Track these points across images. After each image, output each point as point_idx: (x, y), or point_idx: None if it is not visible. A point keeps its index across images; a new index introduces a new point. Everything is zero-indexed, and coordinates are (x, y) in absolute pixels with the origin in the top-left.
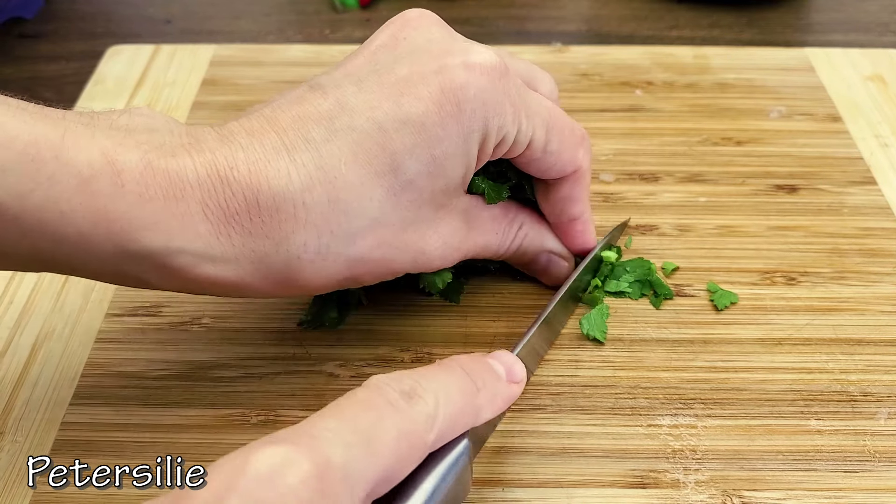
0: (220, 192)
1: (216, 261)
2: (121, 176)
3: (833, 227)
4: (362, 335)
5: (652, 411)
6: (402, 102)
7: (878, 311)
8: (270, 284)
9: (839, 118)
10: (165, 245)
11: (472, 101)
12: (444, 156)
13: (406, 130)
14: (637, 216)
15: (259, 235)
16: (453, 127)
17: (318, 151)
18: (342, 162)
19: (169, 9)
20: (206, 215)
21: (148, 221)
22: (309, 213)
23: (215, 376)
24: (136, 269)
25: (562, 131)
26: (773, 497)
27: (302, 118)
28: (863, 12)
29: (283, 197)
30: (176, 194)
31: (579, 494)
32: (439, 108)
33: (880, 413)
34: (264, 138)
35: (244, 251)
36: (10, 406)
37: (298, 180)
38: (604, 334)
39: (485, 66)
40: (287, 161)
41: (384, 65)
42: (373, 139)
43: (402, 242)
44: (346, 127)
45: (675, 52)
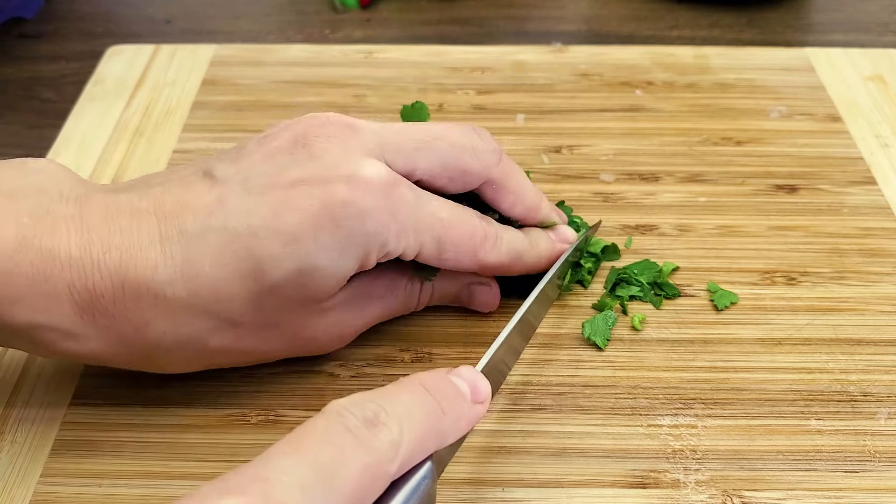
0: (90, 274)
1: (79, 338)
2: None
3: (833, 227)
4: (362, 335)
5: (652, 411)
6: (279, 211)
7: (878, 311)
8: (134, 361)
9: (839, 118)
10: (29, 321)
11: (352, 219)
12: (313, 269)
13: (276, 239)
14: (637, 216)
15: (121, 319)
16: (327, 241)
17: (188, 245)
18: (207, 260)
19: (169, 9)
20: (72, 295)
21: (13, 297)
22: (169, 304)
23: (215, 376)
24: (4, 338)
25: (457, 240)
26: (773, 497)
27: (184, 207)
28: (863, 12)
29: (146, 286)
30: (45, 273)
31: (579, 494)
32: (315, 220)
33: (880, 413)
34: (143, 223)
35: (106, 332)
36: (11, 406)
37: (164, 272)
38: (605, 341)
39: (371, 184)
40: (157, 252)
41: (276, 168)
42: (242, 242)
43: (272, 337)
44: (220, 226)
45: (675, 52)
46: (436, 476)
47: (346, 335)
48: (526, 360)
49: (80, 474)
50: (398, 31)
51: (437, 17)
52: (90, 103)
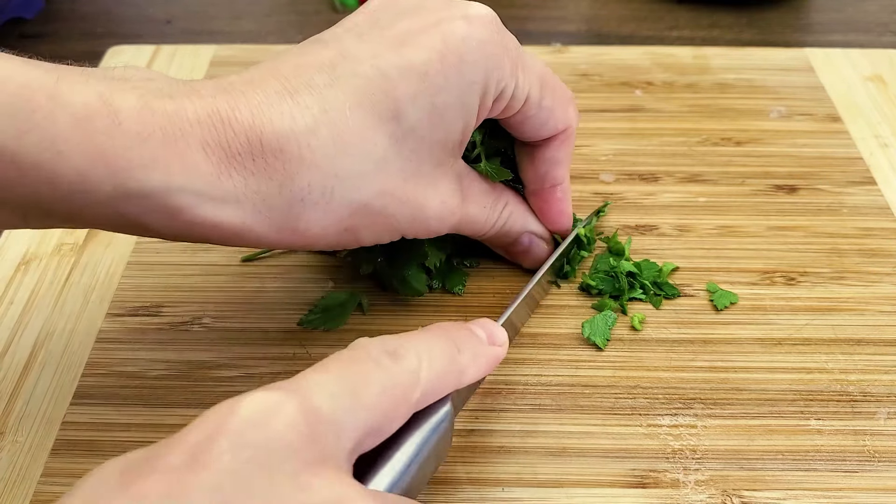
0: (222, 132)
1: (217, 201)
2: (118, 115)
3: (833, 227)
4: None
5: (652, 411)
6: (404, 52)
7: (878, 311)
8: (272, 230)
9: (839, 118)
10: (165, 183)
11: (473, 53)
12: (445, 105)
13: (409, 78)
14: (637, 216)
15: (262, 176)
16: (455, 77)
17: (322, 95)
18: (346, 106)
19: (169, 9)
20: (207, 154)
21: (147, 159)
22: (314, 154)
23: (215, 376)
24: (136, 211)
25: (554, 89)
26: (773, 497)
27: (304, 66)
28: (863, 12)
29: (287, 138)
30: (175, 133)
31: (579, 494)
32: (441, 57)
33: (880, 413)
34: (266, 85)
35: (247, 192)
36: (11, 406)
37: (303, 122)
38: (605, 341)
39: (485, 20)
40: (290, 104)
41: (385, 20)
42: (376, 85)
43: (404, 194)
44: (350, 73)
45: (675, 52)
46: (453, 417)
47: (444, 219)
48: (526, 360)
49: (81, 474)
50: None
51: None
52: None
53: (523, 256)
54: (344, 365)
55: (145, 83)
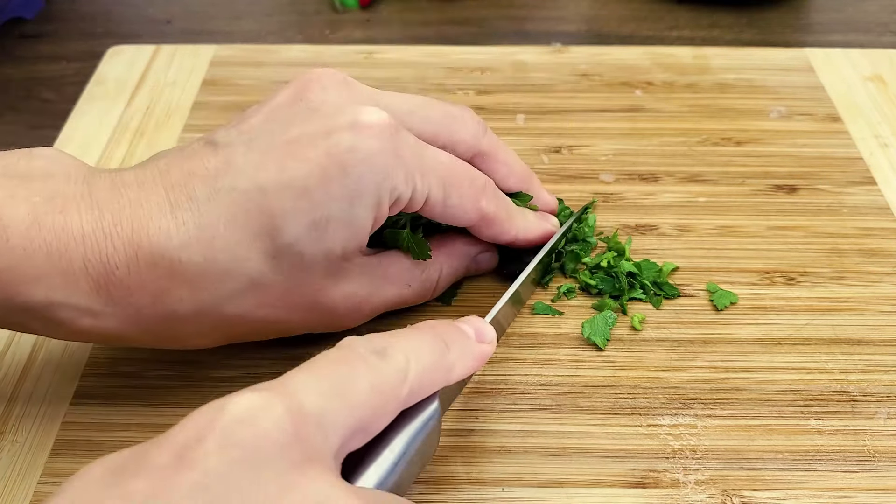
0: (104, 247)
1: (96, 315)
2: (6, 231)
3: (832, 227)
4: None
5: (652, 411)
6: (286, 165)
7: (878, 311)
8: (151, 337)
9: (839, 118)
10: (47, 299)
11: (360, 165)
12: (327, 220)
13: (287, 194)
14: (637, 216)
15: (137, 290)
16: (338, 191)
17: (199, 210)
18: (220, 222)
19: (169, 9)
20: (87, 270)
21: (31, 276)
22: (185, 270)
23: (216, 376)
24: (20, 319)
25: (460, 185)
26: (773, 497)
27: (190, 175)
28: (863, 12)
29: (160, 253)
30: (60, 249)
31: (579, 494)
32: (323, 171)
33: (880, 413)
34: (152, 194)
35: (123, 306)
36: (11, 405)
37: (177, 237)
38: (605, 341)
39: (373, 128)
40: (169, 218)
41: (278, 125)
42: (253, 201)
43: (291, 303)
44: (229, 187)
45: (675, 52)
46: (441, 416)
47: (364, 310)
48: (526, 360)
49: None
50: (398, 31)
51: (437, 17)
52: (90, 104)
53: (478, 272)
54: (331, 364)
55: (43, 183)
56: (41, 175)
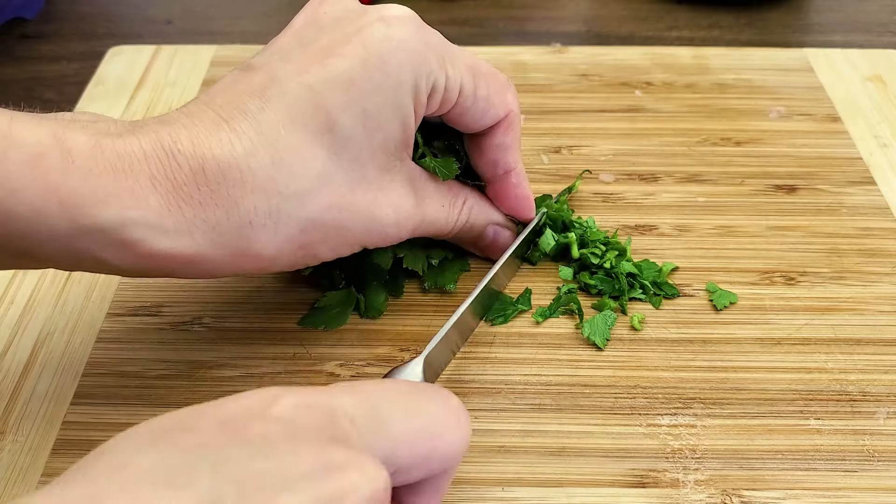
0: (167, 164)
1: (170, 233)
2: (70, 153)
3: (832, 227)
4: (362, 335)
5: (651, 411)
6: (328, 63)
7: (877, 311)
8: (227, 255)
9: (838, 118)
10: (118, 218)
11: (396, 53)
12: (378, 108)
13: (336, 88)
14: (636, 216)
15: (209, 204)
16: (381, 79)
17: (256, 119)
18: (280, 126)
19: (170, 9)
20: (155, 188)
21: (100, 195)
22: (255, 176)
23: (215, 376)
24: (92, 247)
25: (487, 76)
26: (773, 496)
27: (237, 94)
28: (862, 12)
29: (227, 163)
30: (125, 168)
31: (579, 494)
32: (364, 62)
33: (879, 413)
34: (203, 116)
35: (196, 221)
36: (12, 405)
37: (241, 146)
38: (605, 341)
39: (402, 20)
40: (227, 131)
41: (308, 38)
42: (306, 101)
43: (352, 204)
44: (279, 94)
45: (675, 52)
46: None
47: (402, 225)
48: (526, 360)
49: None
50: None
51: (437, 17)
52: (91, 104)
53: (491, 249)
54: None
55: (94, 124)
56: (90, 121)
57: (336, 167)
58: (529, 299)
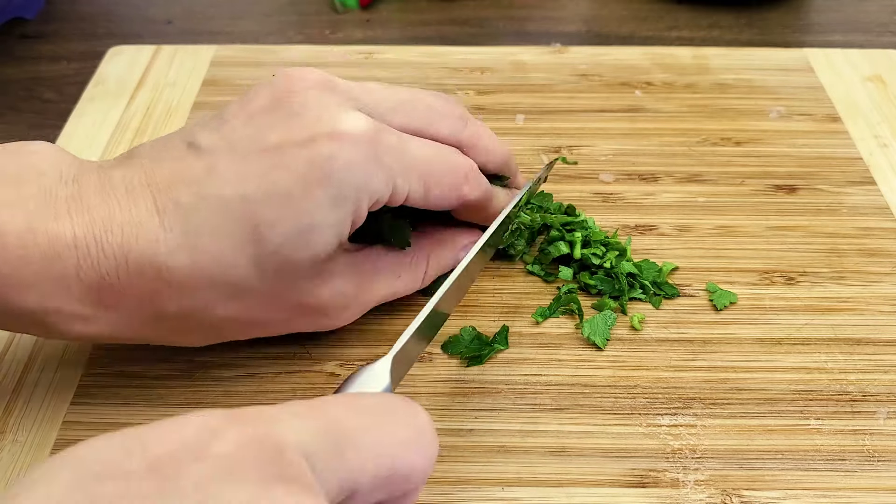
0: (94, 253)
1: (87, 319)
2: (4, 237)
3: (832, 227)
4: (362, 335)
5: (651, 411)
6: (269, 175)
7: (877, 311)
8: (145, 336)
9: (838, 118)
10: (40, 305)
11: (340, 172)
12: (311, 227)
13: (270, 203)
14: (636, 216)
15: (128, 295)
16: (320, 197)
17: (185, 217)
18: (205, 230)
19: (170, 9)
20: (79, 276)
21: (26, 282)
22: (173, 275)
23: (216, 376)
24: (17, 325)
25: (441, 179)
26: (773, 496)
27: (174, 179)
28: (862, 13)
29: (149, 260)
30: (53, 256)
31: (579, 494)
32: (304, 180)
33: (879, 413)
34: (139, 199)
35: (115, 310)
36: (12, 405)
37: (166, 244)
38: (605, 341)
39: (353, 136)
40: (157, 224)
41: (259, 130)
42: (237, 210)
43: (279, 305)
44: (213, 195)
45: (675, 52)
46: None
47: (353, 308)
48: (526, 360)
49: None
50: (398, 31)
51: (437, 17)
52: (91, 104)
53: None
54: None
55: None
56: (35, 175)
57: (259, 277)
58: (506, 338)
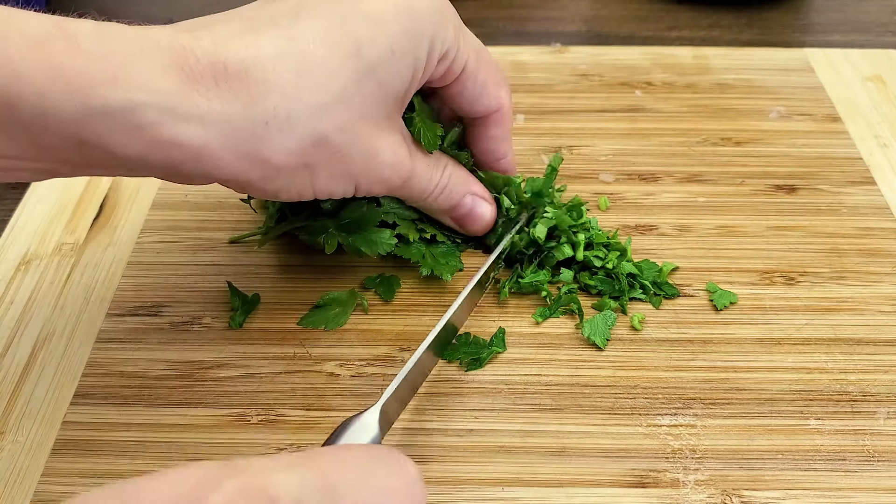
0: (184, 57)
1: (181, 119)
2: (76, 37)
3: (832, 227)
4: (362, 335)
5: (651, 411)
6: (360, 5)
7: (878, 311)
8: (233, 153)
9: (838, 118)
10: (128, 99)
11: (424, 9)
12: (402, 51)
13: (368, 22)
14: (636, 216)
15: (226, 98)
16: (408, 26)
17: (288, 29)
18: (310, 40)
19: (170, 9)
20: (168, 74)
21: (109, 76)
22: (279, 79)
23: (215, 376)
24: (99, 130)
25: (488, 66)
26: (773, 496)
27: (267, 12)
28: (862, 13)
29: (252, 62)
30: (136, 53)
31: (579, 494)
32: (395, 7)
33: (879, 413)
34: (229, 24)
35: (210, 111)
36: (12, 405)
37: (269, 49)
38: (605, 341)
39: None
40: (255, 36)
41: None
42: (338, 26)
43: (360, 133)
44: (311, 15)
45: (675, 52)
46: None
47: (397, 168)
48: (526, 360)
49: (81, 474)
50: None
51: None
52: None
53: (468, 220)
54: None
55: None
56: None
57: (354, 92)
58: (503, 340)
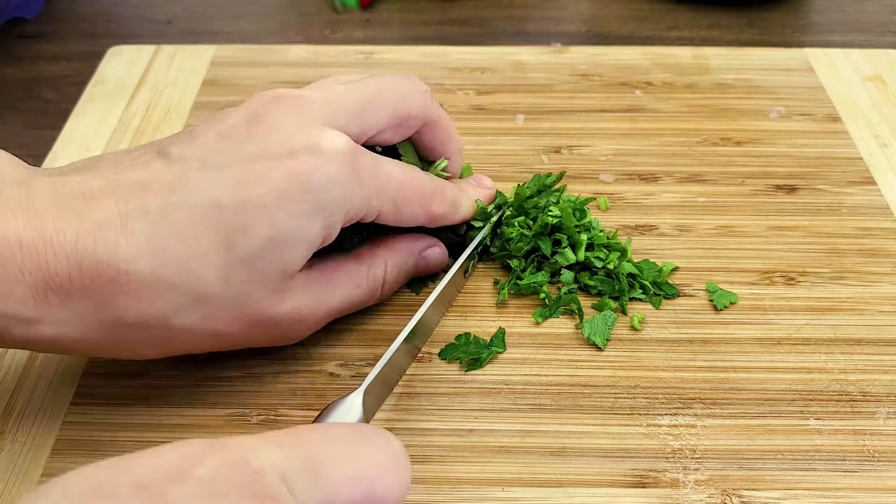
0: (43, 255)
1: (33, 323)
2: None
3: (832, 227)
4: (362, 335)
5: (651, 411)
6: (245, 183)
7: (878, 311)
8: (93, 345)
9: (838, 118)
10: None
11: (321, 186)
12: (283, 239)
13: (244, 210)
14: (636, 216)
15: (79, 298)
16: (296, 209)
17: (153, 223)
18: (172, 236)
19: (170, 9)
20: (23, 277)
21: None
22: (131, 281)
23: (216, 376)
24: None
25: (411, 199)
26: (773, 497)
27: (142, 186)
28: (862, 13)
29: (106, 264)
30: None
31: (579, 494)
32: (282, 190)
33: (879, 413)
34: (99, 204)
35: (63, 314)
36: (11, 405)
37: (125, 250)
38: (605, 341)
39: (334, 153)
40: (118, 230)
41: (234, 143)
42: (209, 217)
43: (237, 317)
44: (185, 202)
45: (675, 52)
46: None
47: (307, 323)
48: (526, 360)
49: None
50: (398, 31)
51: (437, 17)
52: (91, 104)
53: (430, 269)
54: None
55: None
56: None
57: (223, 286)
58: (503, 340)
